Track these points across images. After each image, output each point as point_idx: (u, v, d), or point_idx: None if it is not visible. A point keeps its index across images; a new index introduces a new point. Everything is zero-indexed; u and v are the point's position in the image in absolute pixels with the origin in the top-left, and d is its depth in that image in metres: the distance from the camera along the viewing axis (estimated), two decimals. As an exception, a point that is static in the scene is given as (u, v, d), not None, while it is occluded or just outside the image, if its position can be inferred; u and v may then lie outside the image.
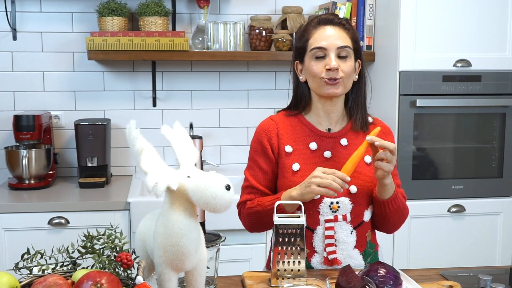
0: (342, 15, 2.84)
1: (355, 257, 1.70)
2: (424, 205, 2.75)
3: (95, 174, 2.86)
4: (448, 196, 2.78)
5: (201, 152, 1.58)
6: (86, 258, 1.33)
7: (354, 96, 1.76)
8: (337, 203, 1.66)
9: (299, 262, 1.52)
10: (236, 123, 3.19)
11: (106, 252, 1.31)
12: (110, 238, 1.31)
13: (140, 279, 1.18)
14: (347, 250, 1.68)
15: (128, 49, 2.77)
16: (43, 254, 1.32)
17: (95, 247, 1.33)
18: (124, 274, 1.26)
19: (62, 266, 1.34)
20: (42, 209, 2.52)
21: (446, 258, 2.77)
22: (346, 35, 1.69)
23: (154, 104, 3.10)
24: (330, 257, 1.66)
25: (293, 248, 1.51)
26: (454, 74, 2.72)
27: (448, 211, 2.78)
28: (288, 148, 1.72)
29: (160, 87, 3.10)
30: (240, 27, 2.94)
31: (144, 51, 2.79)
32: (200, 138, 1.60)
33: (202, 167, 1.67)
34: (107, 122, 2.88)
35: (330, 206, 1.66)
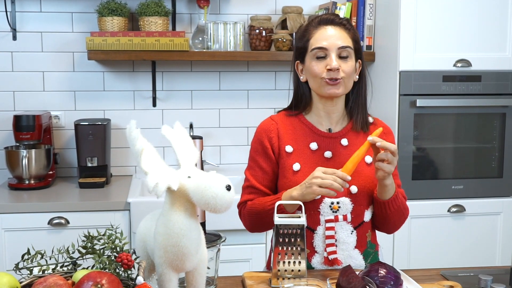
0: (342, 15, 2.84)
1: (356, 257, 1.70)
2: (424, 205, 2.75)
3: (95, 174, 2.86)
4: (448, 196, 2.78)
5: (201, 152, 1.58)
6: (87, 259, 1.33)
7: (354, 96, 1.76)
8: (337, 203, 1.66)
9: (299, 262, 1.52)
10: (236, 123, 3.19)
11: (107, 252, 1.30)
12: (110, 239, 1.31)
13: (140, 279, 1.18)
14: (347, 250, 1.68)
15: (128, 49, 2.77)
16: (44, 254, 1.32)
17: (95, 247, 1.32)
18: (124, 275, 1.26)
19: (63, 267, 1.34)
20: (42, 209, 2.52)
21: (446, 258, 2.77)
22: (347, 35, 1.69)
23: (154, 104, 3.09)
24: (331, 257, 1.66)
25: (293, 248, 1.51)
26: (454, 74, 2.72)
27: (448, 211, 2.78)
28: (288, 148, 1.72)
29: (160, 87, 3.10)
30: (240, 27, 2.94)
31: (144, 51, 2.78)
32: (201, 138, 1.60)
33: (203, 167, 1.67)
34: (107, 122, 2.88)
35: (330, 206, 1.66)
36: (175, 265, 1.26)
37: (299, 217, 1.52)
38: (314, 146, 1.72)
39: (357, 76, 1.73)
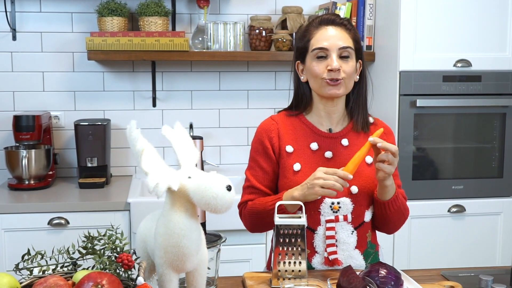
0: (342, 15, 2.83)
1: (356, 257, 1.69)
2: (424, 205, 2.75)
3: (95, 175, 2.86)
4: (448, 196, 2.78)
5: (201, 152, 1.58)
6: (87, 259, 1.33)
7: (355, 97, 1.75)
8: (338, 203, 1.66)
9: (300, 262, 1.51)
10: (236, 123, 3.18)
11: (107, 253, 1.30)
12: (111, 239, 1.30)
13: (141, 280, 1.17)
14: (348, 250, 1.68)
15: (128, 49, 2.77)
16: (44, 254, 1.32)
17: (95, 247, 1.32)
18: (125, 275, 1.26)
19: (63, 267, 1.34)
20: (42, 209, 2.52)
21: (446, 258, 2.77)
22: (347, 36, 1.69)
23: (154, 104, 3.09)
24: (331, 257, 1.66)
25: (294, 248, 1.51)
26: (454, 74, 2.72)
27: (448, 211, 2.77)
28: (289, 148, 1.72)
29: (160, 87, 3.10)
30: (240, 27, 2.94)
31: (144, 51, 2.78)
32: (201, 139, 1.60)
33: (203, 167, 1.67)
34: (107, 122, 2.88)
35: (331, 207, 1.66)
36: (176, 265, 1.26)
37: (300, 217, 1.52)
38: (314, 146, 1.72)
39: (357, 77, 1.73)
